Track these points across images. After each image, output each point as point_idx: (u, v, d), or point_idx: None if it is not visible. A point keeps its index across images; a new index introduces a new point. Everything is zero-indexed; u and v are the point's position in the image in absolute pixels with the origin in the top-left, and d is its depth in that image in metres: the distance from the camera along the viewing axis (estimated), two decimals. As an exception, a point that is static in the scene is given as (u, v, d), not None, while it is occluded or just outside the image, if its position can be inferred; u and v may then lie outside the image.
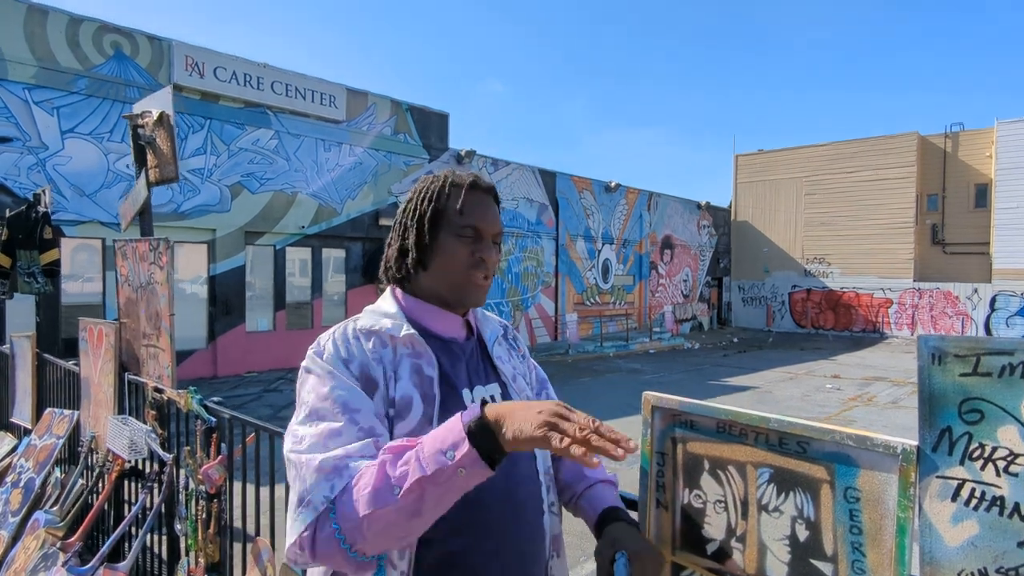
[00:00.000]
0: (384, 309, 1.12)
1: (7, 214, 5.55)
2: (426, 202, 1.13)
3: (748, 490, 1.08)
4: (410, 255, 1.13)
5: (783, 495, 1.04)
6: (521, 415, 0.83)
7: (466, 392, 1.09)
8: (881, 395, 11.00)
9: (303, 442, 0.97)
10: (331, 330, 1.09)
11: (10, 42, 9.13)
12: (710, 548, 1.14)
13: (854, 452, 0.96)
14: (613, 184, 20.72)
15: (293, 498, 0.94)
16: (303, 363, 1.06)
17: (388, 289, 1.18)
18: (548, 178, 18.52)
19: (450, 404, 1.04)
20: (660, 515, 1.21)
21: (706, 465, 1.14)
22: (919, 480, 0.89)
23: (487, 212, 1.13)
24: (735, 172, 27.21)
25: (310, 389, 1.02)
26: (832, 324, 24.45)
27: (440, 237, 1.11)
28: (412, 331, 1.06)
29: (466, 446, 0.82)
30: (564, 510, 1.28)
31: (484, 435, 0.83)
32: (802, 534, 1.01)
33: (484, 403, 0.87)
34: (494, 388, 1.14)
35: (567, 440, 0.78)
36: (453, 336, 1.14)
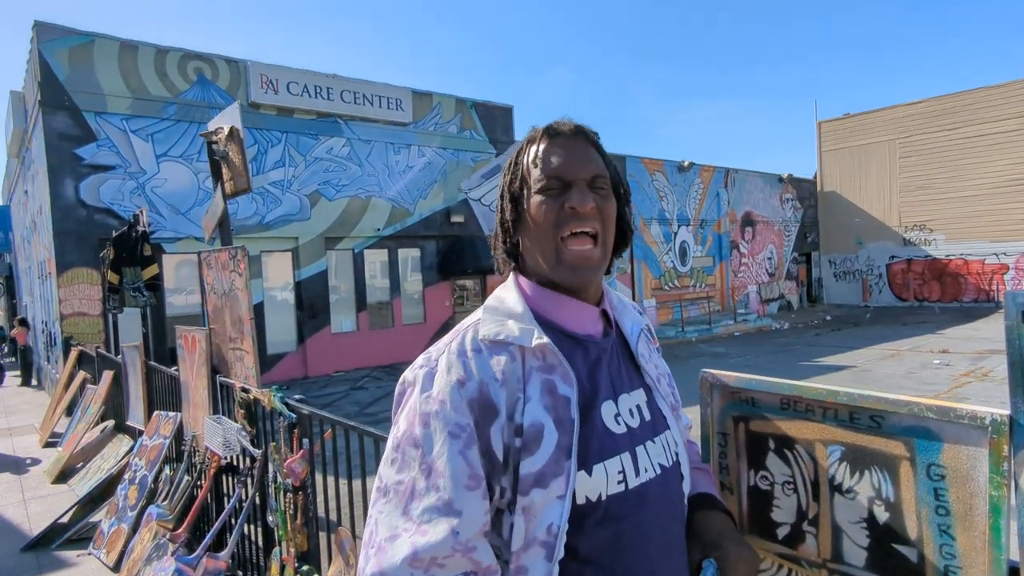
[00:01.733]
0: (508, 305, 0.92)
1: (112, 235, 6.06)
2: (509, 170, 0.97)
3: (819, 470, 1.00)
4: (507, 237, 0.96)
5: (857, 474, 0.95)
6: None
7: (609, 405, 0.89)
8: (997, 369, 10.06)
9: (387, 493, 0.84)
10: (446, 339, 0.90)
11: (108, 78, 9.95)
12: (780, 532, 1.07)
13: (936, 425, 0.86)
14: (686, 163, 20.05)
15: (377, 540, 0.82)
16: (406, 373, 0.89)
17: (511, 277, 0.98)
18: (617, 162, 17.75)
19: (591, 428, 0.86)
20: (725, 498, 1.15)
21: (771, 444, 1.07)
22: (1014, 454, 0.79)
23: (571, 154, 0.91)
24: (818, 140, 25.63)
25: (406, 418, 0.85)
26: (938, 295, 22.61)
27: (526, 203, 0.92)
28: (544, 340, 0.85)
29: None
30: None
31: None
32: (881, 516, 0.93)
33: None
34: (639, 395, 0.94)
35: None
36: (589, 333, 0.93)
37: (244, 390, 3.00)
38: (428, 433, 0.82)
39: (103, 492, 4.57)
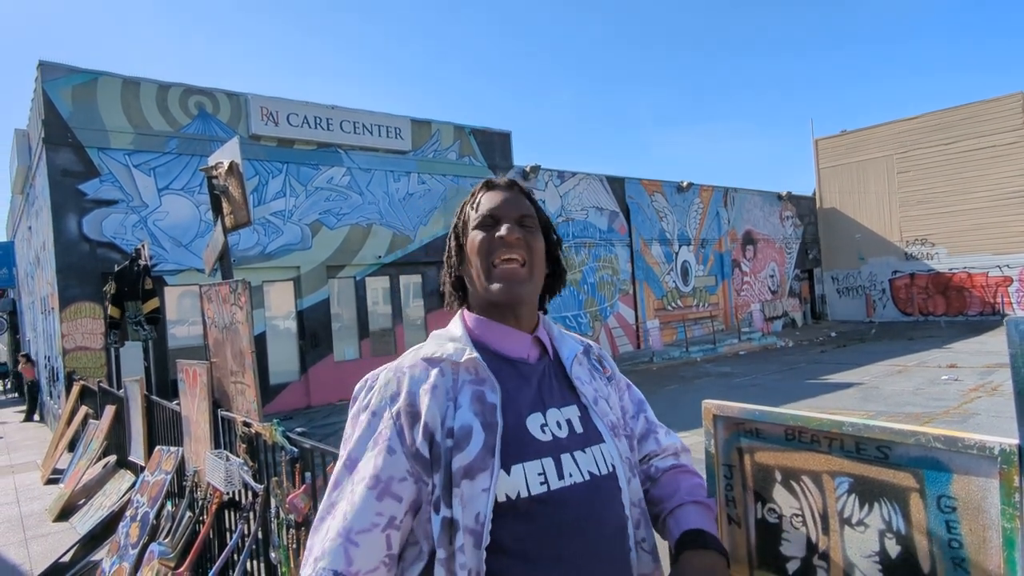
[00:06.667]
0: (451, 332, 1.08)
1: (115, 270, 6.09)
2: (456, 217, 1.18)
3: (827, 502, 0.98)
4: (451, 271, 1.15)
5: (867, 507, 0.93)
6: None
7: (536, 416, 1.00)
8: (1007, 384, 9.96)
9: (335, 490, 0.99)
10: (392, 363, 1.07)
11: (111, 114, 10.09)
12: (791, 567, 1.04)
13: (944, 455, 0.84)
14: (685, 184, 20.17)
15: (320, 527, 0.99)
16: (357, 385, 1.07)
17: (458, 312, 1.15)
18: (616, 184, 18.28)
19: (514, 433, 0.97)
20: (733, 532, 1.12)
21: (778, 476, 1.05)
22: (1025, 484, 0.77)
23: (503, 199, 1.11)
24: (816, 157, 25.80)
25: (350, 423, 1.03)
26: (943, 309, 22.52)
27: (466, 239, 1.12)
28: (474, 355, 1.00)
29: None
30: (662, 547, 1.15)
31: None
32: (893, 550, 0.90)
33: None
34: (571, 411, 1.04)
35: None
36: (521, 356, 1.06)
37: (246, 424, 2.98)
38: (359, 436, 0.99)
39: (105, 530, 4.51)
